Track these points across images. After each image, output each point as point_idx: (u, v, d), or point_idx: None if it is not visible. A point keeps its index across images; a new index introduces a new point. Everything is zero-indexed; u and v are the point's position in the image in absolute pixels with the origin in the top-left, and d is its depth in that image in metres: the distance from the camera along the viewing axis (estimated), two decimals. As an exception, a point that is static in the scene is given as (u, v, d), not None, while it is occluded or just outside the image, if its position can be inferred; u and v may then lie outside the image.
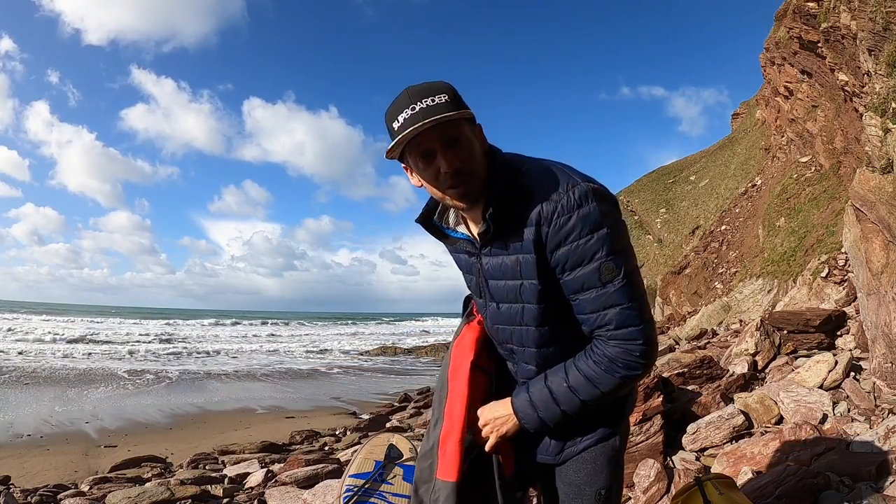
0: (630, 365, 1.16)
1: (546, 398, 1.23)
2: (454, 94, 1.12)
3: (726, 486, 1.91)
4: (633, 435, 3.06)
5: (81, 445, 6.25)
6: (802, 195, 10.63)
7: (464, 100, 1.15)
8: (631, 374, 1.17)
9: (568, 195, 1.10)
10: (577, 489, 1.32)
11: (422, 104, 1.08)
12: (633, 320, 1.14)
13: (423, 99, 1.09)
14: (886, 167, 3.32)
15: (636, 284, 1.15)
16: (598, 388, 1.18)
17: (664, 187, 21.79)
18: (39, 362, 13.65)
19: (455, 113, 1.08)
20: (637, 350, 1.15)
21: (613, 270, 1.12)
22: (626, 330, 1.14)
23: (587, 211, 1.10)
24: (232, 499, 4.12)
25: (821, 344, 4.13)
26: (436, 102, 1.08)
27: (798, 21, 9.36)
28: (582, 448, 1.31)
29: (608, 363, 1.16)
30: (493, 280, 1.25)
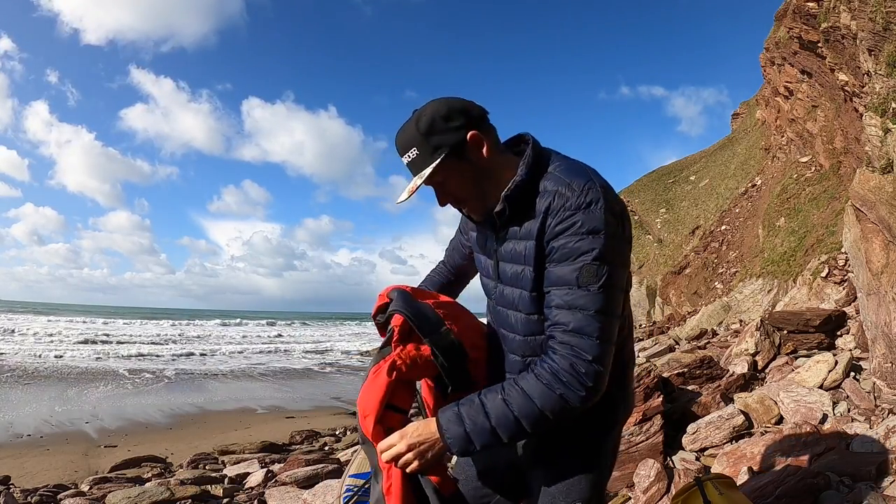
0: (572, 383, 1.07)
1: (476, 410, 1.11)
2: (423, 141, 1.18)
3: (726, 486, 1.91)
4: (633, 435, 3.07)
5: (81, 445, 6.25)
6: (802, 195, 10.63)
7: (446, 125, 1.18)
8: (570, 394, 1.08)
9: (580, 195, 1.12)
10: (551, 498, 1.28)
11: (406, 159, 1.21)
12: (591, 331, 1.08)
13: (404, 155, 1.21)
14: (886, 167, 3.32)
15: (610, 300, 1.10)
16: (533, 404, 1.09)
17: (664, 187, 21.78)
18: (39, 362, 13.66)
19: (419, 178, 1.19)
20: (583, 367, 1.07)
21: (593, 276, 1.09)
22: (580, 338, 1.09)
23: (592, 214, 1.11)
24: (232, 499, 4.12)
25: (821, 344, 4.13)
26: (411, 159, 1.20)
27: (798, 21, 9.36)
28: (563, 450, 1.28)
29: (549, 377, 1.09)
30: (504, 263, 1.27)
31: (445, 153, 1.17)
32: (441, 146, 1.17)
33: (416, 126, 1.18)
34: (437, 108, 1.19)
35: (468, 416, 1.11)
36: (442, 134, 1.18)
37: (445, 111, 1.18)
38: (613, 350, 1.12)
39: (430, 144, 1.17)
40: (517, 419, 1.09)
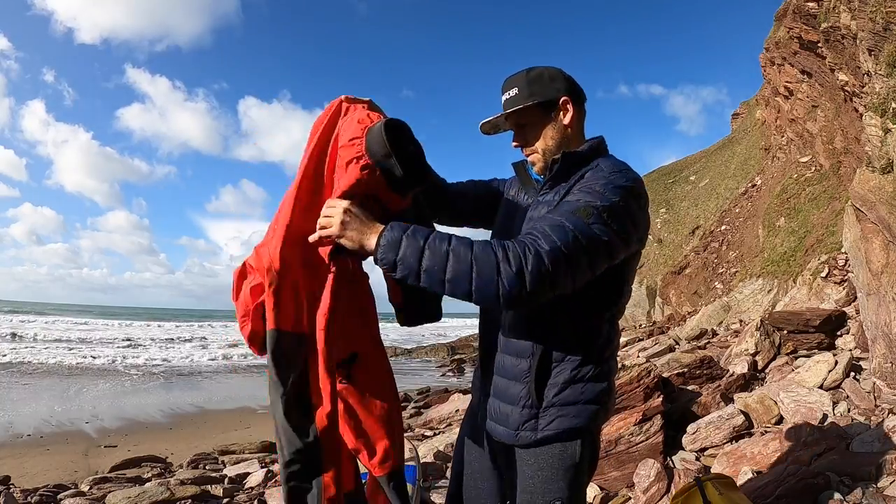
0: (515, 260, 1.03)
1: (417, 245, 1.07)
2: (525, 85, 1.35)
3: (726, 486, 1.91)
4: (634, 435, 3.06)
5: (81, 445, 6.24)
6: (802, 195, 10.62)
7: (549, 83, 1.35)
8: (509, 269, 1.02)
9: (615, 171, 1.24)
10: (529, 496, 1.29)
11: (504, 97, 1.37)
12: (558, 236, 1.07)
13: (504, 93, 1.37)
14: (886, 167, 3.32)
15: (592, 237, 1.09)
16: (468, 263, 1.04)
17: (664, 187, 21.77)
18: (39, 362, 13.65)
19: (514, 108, 1.34)
20: (532, 254, 1.03)
21: (589, 214, 1.12)
22: (544, 236, 1.07)
23: (617, 180, 1.21)
24: (232, 499, 4.12)
25: (821, 344, 4.13)
26: (509, 97, 1.36)
27: (798, 21, 9.35)
28: (540, 438, 1.27)
29: (498, 245, 1.06)
30: (529, 223, 1.34)
31: (538, 101, 1.33)
32: (536, 94, 1.34)
33: (526, 74, 1.37)
34: (549, 69, 1.38)
35: (405, 248, 1.08)
36: (543, 87, 1.35)
37: (554, 73, 1.37)
38: (567, 272, 1.08)
39: (529, 90, 1.34)
40: (445, 270, 1.06)
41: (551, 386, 1.28)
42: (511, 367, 1.32)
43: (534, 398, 1.27)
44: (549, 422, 1.27)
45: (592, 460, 1.35)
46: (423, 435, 5.75)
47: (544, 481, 1.27)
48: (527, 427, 1.28)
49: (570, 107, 1.35)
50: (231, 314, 16.28)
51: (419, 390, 10.76)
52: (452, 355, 18.87)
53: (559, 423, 1.26)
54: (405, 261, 1.07)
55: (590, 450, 1.32)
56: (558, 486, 1.27)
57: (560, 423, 1.27)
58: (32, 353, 15.15)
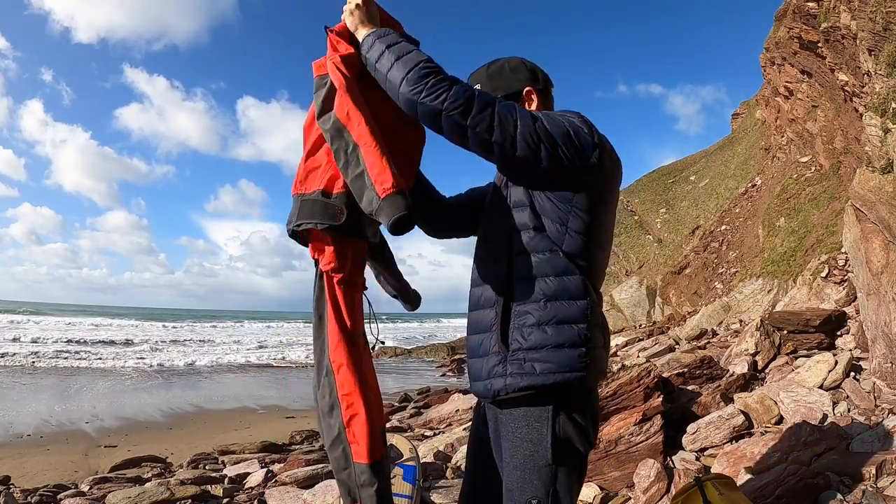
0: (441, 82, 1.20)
1: (381, 48, 1.27)
2: (488, 79, 1.38)
3: (726, 486, 1.91)
4: (633, 435, 3.06)
5: (81, 445, 6.24)
6: (802, 195, 10.62)
7: (511, 75, 1.39)
8: (432, 90, 1.18)
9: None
10: (509, 493, 1.27)
11: None
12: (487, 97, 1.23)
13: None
14: (886, 167, 3.32)
15: (526, 118, 1.21)
16: (406, 72, 1.21)
17: (664, 187, 21.77)
18: (39, 362, 13.65)
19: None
20: (459, 86, 1.21)
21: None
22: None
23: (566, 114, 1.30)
24: (232, 499, 4.12)
25: (821, 344, 4.13)
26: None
27: (798, 21, 9.35)
28: (511, 391, 1.22)
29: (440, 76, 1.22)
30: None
31: (499, 96, 1.31)
32: (498, 89, 1.36)
33: (487, 69, 1.40)
34: (510, 60, 1.41)
35: (387, 40, 1.28)
36: (504, 80, 1.38)
37: (515, 64, 1.40)
38: (488, 113, 1.19)
39: (491, 85, 1.37)
40: (385, 78, 1.25)
41: (516, 328, 1.24)
42: (481, 320, 1.32)
43: (499, 344, 1.24)
44: (517, 369, 1.22)
45: (579, 462, 1.27)
46: (423, 435, 5.75)
47: (519, 480, 1.24)
48: (496, 373, 1.24)
49: (534, 97, 1.38)
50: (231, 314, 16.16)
51: (419, 390, 10.75)
52: (452, 355, 18.86)
53: (530, 376, 1.20)
54: (370, 58, 1.29)
55: (573, 427, 1.23)
56: (532, 486, 1.23)
57: (531, 376, 1.20)
58: (33, 354, 15.15)
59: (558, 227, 1.26)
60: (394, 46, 1.26)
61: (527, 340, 1.22)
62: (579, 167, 1.24)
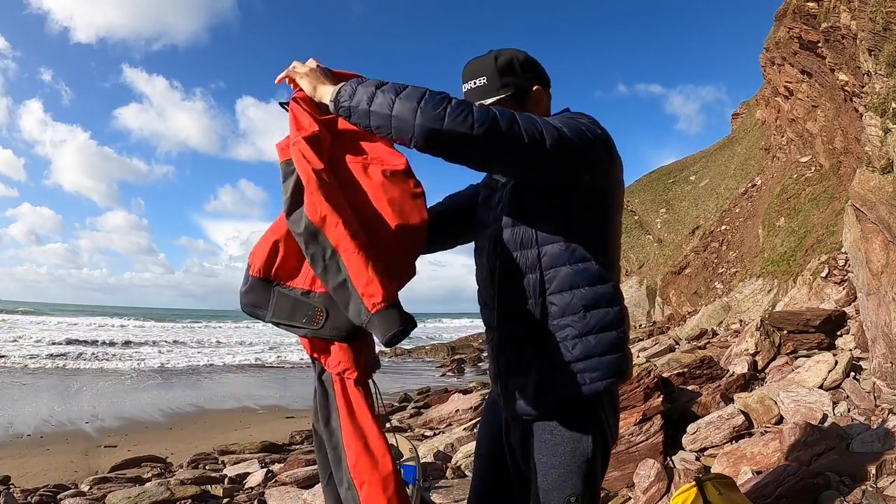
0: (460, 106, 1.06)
1: (370, 90, 1.11)
2: (494, 73, 1.27)
3: (726, 486, 1.91)
4: (633, 435, 3.07)
5: (81, 445, 6.24)
6: (802, 195, 10.63)
7: (521, 71, 1.29)
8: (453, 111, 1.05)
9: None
10: (545, 493, 1.26)
11: (468, 86, 1.31)
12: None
13: (469, 81, 1.31)
14: (886, 167, 3.32)
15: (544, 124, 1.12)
16: (417, 102, 1.06)
17: (664, 187, 21.77)
18: (39, 362, 13.65)
19: (486, 100, 1.25)
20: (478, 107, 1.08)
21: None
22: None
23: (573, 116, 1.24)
24: (232, 499, 4.12)
25: (821, 344, 4.13)
26: (475, 86, 1.29)
27: (798, 21, 9.35)
28: (565, 402, 1.22)
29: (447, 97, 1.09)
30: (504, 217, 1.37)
31: (510, 93, 1.27)
32: (509, 85, 1.27)
33: (495, 60, 1.28)
34: (517, 53, 1.30)
35: (357, 94, 1.12)
36: (515, 76, 1.28)
37: (524, 59, 1.30)
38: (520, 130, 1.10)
39: (501, 80, 1.27)
40: (390, 116, 1.09)
41: (560, 342, 1.23)
42: (514, 337, 1.29)
43: (541, 360, 1.24)
44: (567, 382, 1.22)
45: (605, 450, 1.30)
46: (423, 435, 5.75)
47: (557, 479, 1.24)
48: (543, 390, 1.24)
49: (543, 96, 1.32)
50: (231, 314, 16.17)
51: (419, 390, 10.75)
52: (452, 355, 18.86)
53: (580, 380, 1.22)
54: (358, 104, 1.12)
55: (602, 438, 1.27)
56: (572, 482, 1.23)
57: (581, 380, 1.22)
58: (33, 354, 15.16)
59: (584, 236, 1.24)
60: (384, 86, 1.12)
61: (571, 353, 1.22)
62: (599, 170, 1.22)
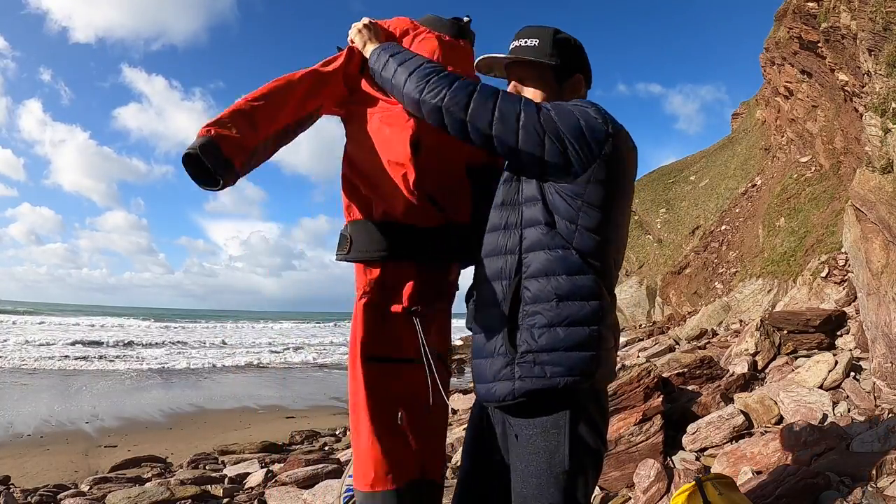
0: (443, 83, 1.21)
1: (385, 58, 1.33)
2: (548, 42, 1.30)
3: (726, 486, 1.91)
4: (633, 435, 3.06)
5: (81, 445, 6.24)
6: (802, 195, 10.62)
7: (574, 53, 1.34)
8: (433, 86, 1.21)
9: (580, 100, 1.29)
10: (523, 500, 1.22)
11: (517, 42, 1.34)
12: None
13: (522, 39, 1.33)
14: (886, 167, 3.32)
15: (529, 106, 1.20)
16: (409, 73, 1.25)
17: (664, 187, 21.77)
18: (39, 362, 13.64)
19: (528, 59, 1.31)
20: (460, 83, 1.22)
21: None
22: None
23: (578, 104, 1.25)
24: (232, 499, 4.12)
25: (821, 344, 4.13)
26: (525, 45, 1.32)
27: (798, 21, 9.35)
28: (519, 391, 1.17)
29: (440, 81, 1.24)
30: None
31: (554, 64, 1.30)
32: (557, 56, 1.30)
33: (555, 34, 1.32)
34: (575, 39, 1.35)
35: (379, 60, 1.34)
36: (567, 53, 1.32)
37: (579, 46, 1.35)
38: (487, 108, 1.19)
39: (553, 49, 1.30)
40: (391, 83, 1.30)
41: (525, 329, 1.19)
42: (487, 319, 1.26)
43: (507, 345, 1.19)
44: (527, 371, 1.17)
45: (596, 460, 1.24)
46: (423, 435, 5.74)
47: (536, 488, 1.20)
48: (502, 376, 1.20)
49: (580, 86, 1.35)
50: (232, 314, 16.12)
51: (419, 390, 10.74)
52: (451, 355, 18.83)
53: (539, 372, 1.16)
54: (376, 68, 1.36)
55: (588, 430, 1.20)
56: (550, 494, 1.19)
57: (539, 373, 1.16)
58: (33, 354, 15.15)
59: (569, 225, 1.19)
60: (397, 55, 1.32)
61: (537, 342, 1.17)
62: (589, 161, 1.17)
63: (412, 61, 1.28)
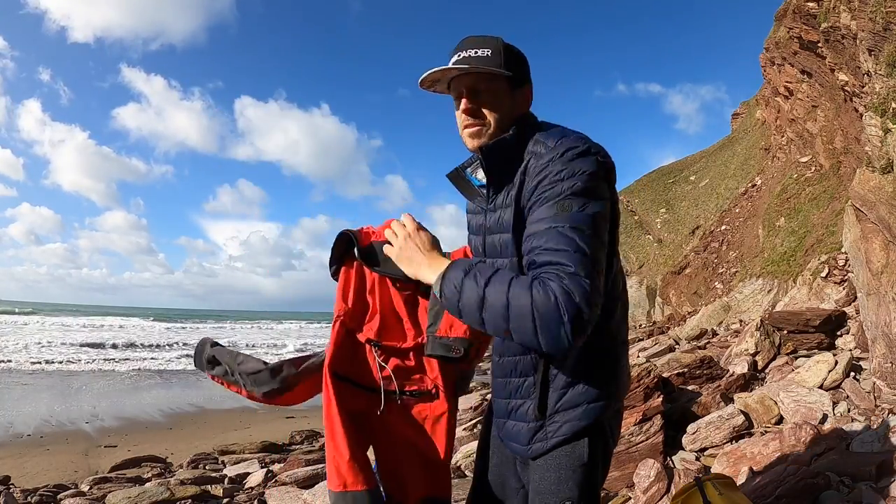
0: (565, 302, 0.96)
1: (477, 294, 1.05)
2: (500, 51, 1.22)
3: (726, 486, 1.91)
4: (633, 435, 3.07)
5: (81, 445, 6.24)
6: (802, 195, 10.63)
7: (522, 64, 1.28)
8: (564, 313, 0.95)
9: (554, 148, 1.14)
10: (540, 497, 1.28)
11: (466, 53, 1.23)
12: (568, 243, 1.02)
13: (470, 49, 1.23)
14: (886, 167, 3.32)
15: (590, 221, 1.05)
16: (529, 322, 0.98)
17: (664, 187, 21.77)
18: (39, 362, 13.64)
19: (485, 69, 1.20)
20: (569, 281, 0.97)
21: (569, 207, 1.06)
22: (560, 254, 1.02)
23: (565, 158, 1.11)
24: (232, 499, 4.12)
25: (821, 344, 4.13)
26: (476, 55, 1.22)
27: (798, 21, 9.35)
28: (551, 446, 1.26)
29: (548, 297, 0.97)
30: (490, 235, 1.28)
31: (509, 76, 1.23)
32: (511, 67, 1.23)
33: (503, 43, 1.24)
34: (513, 46, 1.27)
35: (474, 276, 1.07)
36: (518, 64, 1.26)
37: (524, 57, 1.29)
38: (600, 271, 1.04)
39: (505, 58, 1.22)
40: (504, 314, 1.02)
41: (552, 392, 1.26)
42: (516, 386, 1.32)
43: (536, 411, 1.27)
44: (557, 428, 1.26)
45: (605, 455, 1.32)
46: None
47: (554, 482, 1.26)
48: (536, 440, 1.28)
49: (530, 95, 1.31)
50: (232, 314, 16.10)
51: (419, 390, 10.75)
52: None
53: (567, 428, 1.25)
54: (466, 302, 1.06)
55: (601, 444, 1.29)
56: (568, 487, 1.25)
57: (568, 428, 1.25)
58: (33, 354, 15.15)
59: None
60: (487, 287, 1.04)
61: (561, 402, 1.25)
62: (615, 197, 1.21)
63: (517, 289, 1.02)
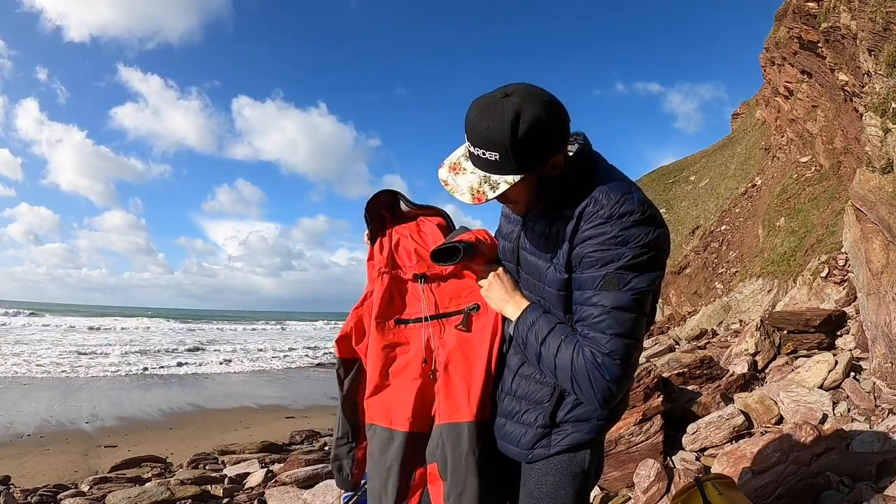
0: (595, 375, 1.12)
1: (538, 339, 1.22)
2: (508, 156, 1.08)
3: (726, 486, 1.91)
4: (634, 435, 3.06)
5: (81, 445, 6.24)
6: (802, 195, 10.62)
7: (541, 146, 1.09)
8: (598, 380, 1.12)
9: (615, 204, 1.11)
10: (535, 501, 1.30)
11: (476, 151, 1.11)
12: (607, 326, 1.11)
13: (479, 147, 1.10)
14: (886, 167, 3.32)
15: (634, 301, 1.11)
16: (568, 372, 1.16)
17: (664, 187, 21.76)
18: (39, 362, 13.63)
19: (492, 191, 1.13)
20: (601, 359, 1.11)
21: (615, 283, 1.10)
22: (598, 333, 1.12)
23: (622, 224, 1.10)
24: (232, 499, 4.12)
25: (821, 344, 4.13)
26: (484, 157, 1.10)
27: (798, 21, 9.35)
28: (553, 453, 1.28)
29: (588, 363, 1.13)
30: (525, 252, 1.31)
31: (525, 175, 1.11)
32: (526, 167, 1.10)
33: (512, 129, 1.04)
34: (539, 113, 1.06)
35: (536, 330, 1.23)
36: (535, 151, 1.08)
37: (547, 119, 1.06)
38: (636, 347, 1.14)
39: (518, 160, 1.08)
40: (552, 370, 1.20)
41: (565, 404, 1.28)
42: (530, 393, 1.32)
43: (548, 420, 1.28)
44: (561, 438, 1.28)
45: (598, 466, 1.36)
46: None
47: (552, 487, 1.28)
48: (539, 445, 1.29)
49: (559, 163, 1.15)
50: (232, 314, 16.14)
51: (419, 390, 10.74)
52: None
53: (572, 439, 1.28)
54: (529, 348, 1.25)
55: (598, 457, 1.33)
56: (565, 492, 1.28)
57: (573, 439, 1.28)
58: (34, 354, 15.15)
59: None
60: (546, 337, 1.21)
61: (572, 414, 1.27)
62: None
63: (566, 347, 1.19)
